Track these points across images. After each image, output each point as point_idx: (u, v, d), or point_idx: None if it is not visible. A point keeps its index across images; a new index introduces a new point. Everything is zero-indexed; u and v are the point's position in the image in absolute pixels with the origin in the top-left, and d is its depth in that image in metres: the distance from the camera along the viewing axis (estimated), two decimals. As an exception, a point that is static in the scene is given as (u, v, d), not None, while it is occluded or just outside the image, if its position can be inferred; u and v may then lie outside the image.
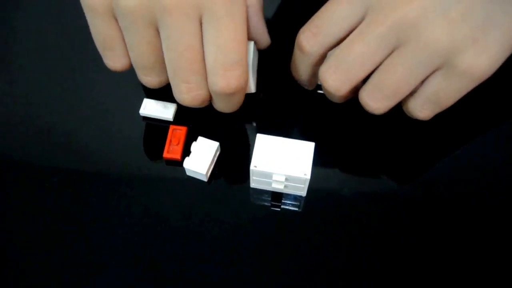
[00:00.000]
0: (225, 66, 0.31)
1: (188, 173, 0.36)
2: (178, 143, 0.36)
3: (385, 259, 0.33)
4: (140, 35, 0.31)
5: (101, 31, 0.33)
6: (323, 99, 0.37)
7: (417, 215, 0.35)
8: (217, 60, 0.31)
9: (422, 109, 0.33)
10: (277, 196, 0.35)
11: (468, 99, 0.32)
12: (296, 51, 0.35)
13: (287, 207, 0.35)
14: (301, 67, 0.35)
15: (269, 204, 0.35)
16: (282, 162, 0.33)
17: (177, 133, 0.37)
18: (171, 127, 0.37)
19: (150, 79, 0.34)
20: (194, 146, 0.35)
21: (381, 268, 0.33)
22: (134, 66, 0.34)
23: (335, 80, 0.32)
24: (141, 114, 0.38)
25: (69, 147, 0.38)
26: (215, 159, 0.36)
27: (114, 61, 0.34)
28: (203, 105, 0.34)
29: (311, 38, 0.33)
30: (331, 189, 0.36)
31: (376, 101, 0.32)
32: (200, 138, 0.36)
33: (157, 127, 0.38)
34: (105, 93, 0.40)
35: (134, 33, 0.31)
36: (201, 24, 0.30)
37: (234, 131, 0.38)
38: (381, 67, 0.31)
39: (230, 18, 0.30)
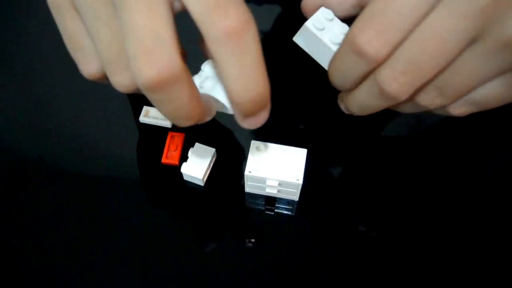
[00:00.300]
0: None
1: (185, 178, 0.36)
2: (176, 149, 0.37)
3: (378, 262, 0.34)
4: (98, 17, 0.26)
5: (65, 27, 0.28)
6: (317, 106, 0.37)
7: (412, 216, 0.35)
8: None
9: (461, 106, 0.29)
10: (270, 200, 0.36)
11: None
12: (351, 57, 0.27)
13: (280, 210, 0.36)
14: (355, 74, 0.28)
15: (263, 208, 0.36)
16: (276, 168, 0.33)
17: (175, 139, 0.37)
18: (170, 133, 0.37)
19: (120, 79, 0.27)
20: (191, 152, 0.36)
21: (374, 271, 0.33)
22: (102, 65, 0.28)
23: (403, 84, 0.26)
24: (140, 121, 0.39)
25: (69, 152, 0.38)
26: (212, 164, 0.37)
27: (86, 63, 0.29)
28: (176, 80, 0.25)
29: (376, 38, 0.26)
30: (322, 193, 0.36)
31: (432, 98, 0.28)
32: (197, 144, 0.36)
33: (156, 133, 0.38)
34: (106, 100, 0.40)
35: (91, 16, 0.26)
36: None
37: (230, 137, 0.38)
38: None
39: None
